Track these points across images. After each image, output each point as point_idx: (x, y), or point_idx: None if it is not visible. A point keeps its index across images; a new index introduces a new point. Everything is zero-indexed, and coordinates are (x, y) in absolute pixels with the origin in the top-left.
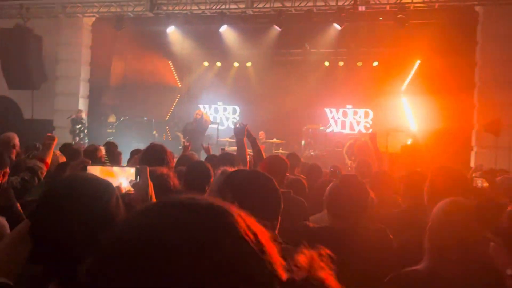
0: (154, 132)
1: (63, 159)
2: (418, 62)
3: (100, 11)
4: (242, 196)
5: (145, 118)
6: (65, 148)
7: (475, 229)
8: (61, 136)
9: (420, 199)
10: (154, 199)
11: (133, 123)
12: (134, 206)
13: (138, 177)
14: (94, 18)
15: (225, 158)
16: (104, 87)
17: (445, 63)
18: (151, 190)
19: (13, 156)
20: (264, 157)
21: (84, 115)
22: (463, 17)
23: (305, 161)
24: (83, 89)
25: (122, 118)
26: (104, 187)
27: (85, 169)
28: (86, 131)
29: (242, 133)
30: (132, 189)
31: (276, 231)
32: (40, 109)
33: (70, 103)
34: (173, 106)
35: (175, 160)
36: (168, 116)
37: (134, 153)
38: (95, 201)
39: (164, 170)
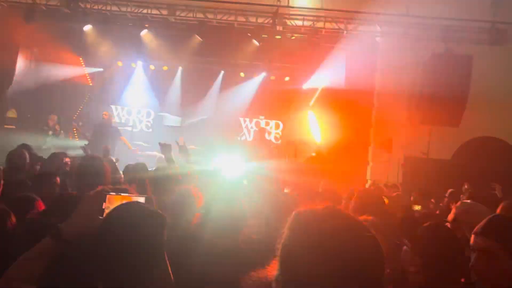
0: (61, 131)
1: None
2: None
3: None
4: None
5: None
6: None
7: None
8: None
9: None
10: None
11: (36, 120)
12: None
13: None
14: (0, 7)
15: None
16: (7, 80)
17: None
18: None
19: None
20: None
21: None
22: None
23: None
24: None
25: (29, 115)
26: (160, 220)
27: (105, 198)
28: None
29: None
30: None
31: None
32: None
33: None
34: (83, 105)
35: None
36: (76, 115)
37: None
38: (154, 236)
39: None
